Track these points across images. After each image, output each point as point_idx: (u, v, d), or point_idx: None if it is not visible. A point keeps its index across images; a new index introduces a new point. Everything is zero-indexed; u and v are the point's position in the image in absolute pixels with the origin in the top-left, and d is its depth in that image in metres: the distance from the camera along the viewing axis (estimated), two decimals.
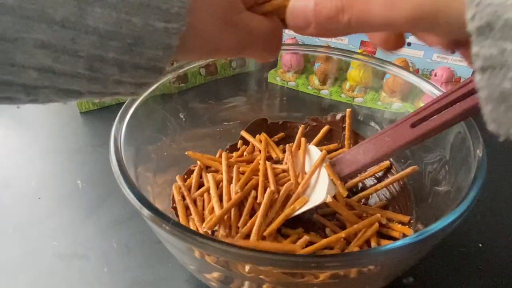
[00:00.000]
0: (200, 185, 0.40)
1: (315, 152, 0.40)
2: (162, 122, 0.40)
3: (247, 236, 0.34)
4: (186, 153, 0.41)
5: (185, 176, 0.41)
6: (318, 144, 0.45)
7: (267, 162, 0.40)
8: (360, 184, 0.42)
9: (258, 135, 0.45)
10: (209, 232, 0.34)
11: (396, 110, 0.44)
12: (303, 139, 0.42)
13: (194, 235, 0.24)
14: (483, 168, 0.29)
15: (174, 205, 0.38)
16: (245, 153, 0.43)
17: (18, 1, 0.15)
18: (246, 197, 0.37)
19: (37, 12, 0.15)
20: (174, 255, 0.32)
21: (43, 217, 0.42)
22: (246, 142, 0.46)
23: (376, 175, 0.42)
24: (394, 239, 0.35)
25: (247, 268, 0.25)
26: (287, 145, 0.42)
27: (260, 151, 0.43)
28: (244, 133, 0.46)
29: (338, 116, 0.46)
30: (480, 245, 0.39)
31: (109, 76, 0.17)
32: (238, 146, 0.46)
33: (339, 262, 0.23)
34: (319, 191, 0.36)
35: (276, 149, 0.44)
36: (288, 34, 0.62)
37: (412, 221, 0.36)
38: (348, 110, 0.45)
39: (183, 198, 0.38)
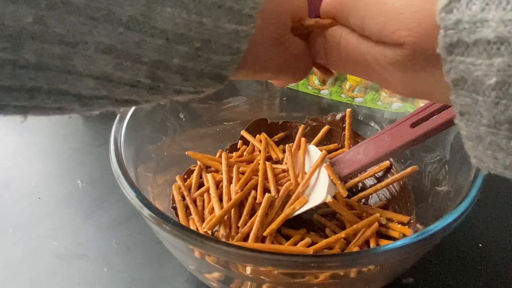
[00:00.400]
0: (200, 185, 0.40)
1: (315, 152, 0.40)
2: (162, 122, 0.40)
3: (247, 236, 0.34)
4: (186, 153, 0.41)
5: (185, 176, 0.41)
6: (318, 144, 0.45)
7: (267, 162, 0.40)
8: (360, 184, 0.42)
9: (258, 135, 0.45)
10: (209, 232, 0.34)
11: (396, 110, 0.44)
12: (303, 139, 0.42)
13: (194, 235, 0.24)
14: None
15: (174, 205, 0.38)
16: (245, 153, 0.43)
17: (86, 0, 0.13)
18: (246, 197, 0.37)
19: (103, 11, 0.14)
20: (174, 255, 0.32)
21: (43, 217, 0.42)
22: (246, 142, 0.46)
23: (376, 175, 0.42)
24: (394, 239, 0.35)
25: (248, 270, 0.25)
26: (286, 145, 0.42)
27: (260, 151, 0.43)
28: (244, 133, 0.46)
29: (338, 116, 0.46)
30: (480, 245, 0.39)
31: (170, 86, 0.16)
32: (238, 146, 0.46)
33: (339, 262, 0.23)
34: (319, 191, 0.36)
35: (276, 149, 0.44)
36: None
37: (412, 221, 0.36)
38: (348, 110, 0.45)
39: (183, 198, 0.38)
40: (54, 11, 0.13)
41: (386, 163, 0.41)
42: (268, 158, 0.43)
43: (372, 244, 0.34)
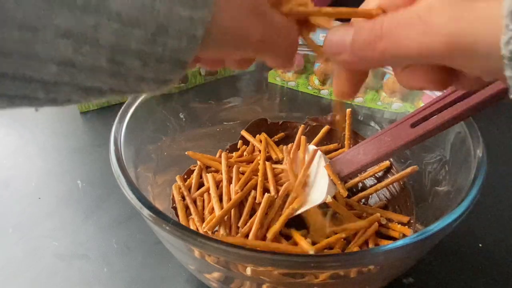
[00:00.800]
0: (200, 185, 0.40)
1: None
2: (162, 122, 0.40)
3: (247, 236, 0.34)
4: (186, 153, 0.41)
5: (185, 176, 0.41)
6: (318, 144, 0.45)
7: (267, 162, 0.40)
8: (360, 184, 0.42)
9: (258, 135, 0.45)
10: (209, 232, 0.34)
11: (396, 110, 0.44)
12: (303, 138, 0.42)
13: (194, 235, 0.24)
14: (483, 168, 0.29)
15: (174, 205, 0.38)
16: (245, 153, 0.44)
17: None
18: (246, 197, 0.37)
19: None
20: (174, 255, 0.32)
21: (43, 217, 0.42)
22: (246, 142, 0.46)
23: (376, 175, 0.42)
24: (394, 239, 0.35)
25: (248, 271, 0.25)
26: (284, 147, 0.42)
27: (260, 151, 0.43)
28: (244, 133, 0.46)
29: (338, 116, 0.46)
30: (480, 245, 0.39)
31: (131, 71, 0.16)
32: (238, 146, 0.46)
33: (339, 262, 0.23)
34: (319, 191, 0.36)
35: (276, 149, 0.44)
36: None
37: (412, 221, 0.36)
38: (348, 110, 0.45)
39: (183, 198, 0.38)
40: None
41: (386, 163, 0.41)
42: (268, 158, 0.43)
43: (371, 244, 0.34)
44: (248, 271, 0.25)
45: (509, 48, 0.14)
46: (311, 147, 0.41)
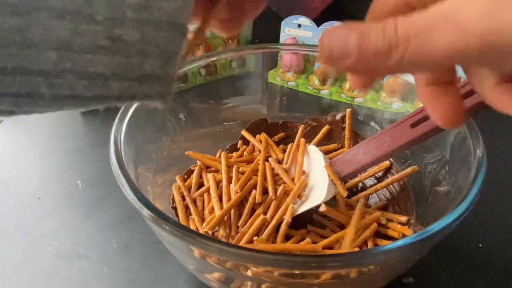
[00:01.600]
0: (200, 185, 0.40)
1: (314, 152, 0.40)
2: (162, 122, 0.40)
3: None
4: (186, 153, 0.41)
5: (185, 176, 0.41)
6: (318, 144, 0.45)
7: (266, 163, 0.40)
8: (360, 184, 0.42)
9: (258, 135, 0.45)
10: (209, 232, 0.34)
11: (396, 110, 0.44)
12: (302, 139, 0.42)
13: (194, 235, 0.24)
14: (483, 168, 0.29)
15: (174, 205, 0.38)
16: (245, 153, 0.44)
17: None
18: (246, 197, 0.37)
19: None
20: (174, 255, 0.32)
21: (43, 217, 0.42)
22: (246, 142, 0.46)
23: (376, 175, 0.42)
24: (394, 239, 0.35)
25: (249, 272, 0.25)
26: (271, 159, 0.42)
27: (260, 151, 0.43)
28: (244, 133, 0.46)
29: (338, 116, 0.46)
30: (480, 245, 0.39)
31: (131, 45, 0.16)
32: (238, 146, 0.46)
33: (339, 262, 0.23)
34: (319, 191, 0.36)
35: (276, 149, 0.44)
36: (287, 34, 0.62)
37: (412, 221, 0.36)
38: (348, 110, 0.45)
39: (183, 198, 0.38)
40: None
41: (386, 163, 0.41)
42: (268, 159, 0.43)
43: (370, 245, 0.34)
44: (249, 272, 0.25)
45: None
46: (311, 147, 0.41)
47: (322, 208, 0.34)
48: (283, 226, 0.34)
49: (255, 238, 0.33)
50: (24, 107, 0.16)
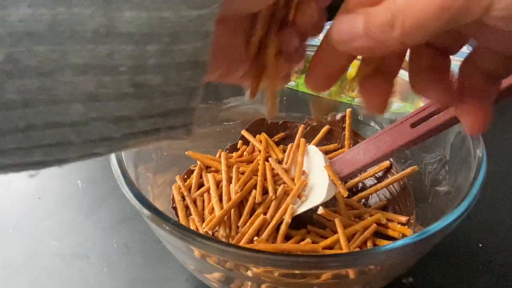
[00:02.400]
0: (200, 185, 0.40)
1: (314, 152, 0.40)
2: None
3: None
4: (186, 153, 0.41)
5: (185, 176, 0.41)
6: (318, 144, 0.45)
7: (266, 163, 0.40)
8: (360, 184, 0.42)
9: (258, 135, 0.45)
10: (209, 232, 0.34)
11: (396, 110, 0.44)
12: (302, 139, 0.42)
13: (194, 235, 0.24)
14: (483, 168, 0.29)
15: (174, 205, 0.38)
16: (245, 153, 0.43)
17: (47, 25, 0.13)
18: (246, 197, 0.37)
19: (67, 34, 0.14)
20: (174, 255, 0.32)
21: (43, 217, 0.42)
22: (246, 142, 0.46)
23: (376, 175, 0.42)
24: (394, 239, 0.35)
25: (250, 272, 0.25)
26: (270, 160, 0.42)
27: (260, 151, 0.43)
28: (244, 132, 0.46)
29: (338, 116, 0.46)
30: (480, 245, 0.39)
31: (154, 89, 0.16)
32: (238, 146, 0.46)
33: (339, 262, 0.23)
34: (319, 191, 0.36)
35: (276, 149, 0.44)
36: None
37: (412, 221, 0.36)
38: (348, 110, 0.45)
39: (183, 198, 0.38)
40: (21, 45, 0.13)
41: (386, 163, 0.41)
42: (268, 159, 0.43)
43: (369, 245, 0.34)
44: (249, 272, 0.25)
45: None
46: (311, 147, 0.41)
47: (320, 211, 0.34)
48: (282, 227, 0.34)
49: (255, 238, 0.33)
50: (55, 155, 0.16)
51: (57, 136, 0.15)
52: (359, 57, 0.22)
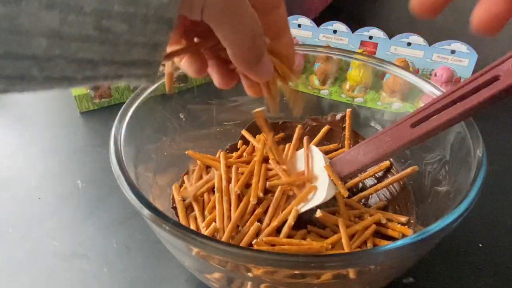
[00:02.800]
0: None
1: (315, 152, 0.40)
2: (162, 122, 0.40)
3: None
4: (186, 153, 0.41)
5: (185, 176, 0.41)
6: (318, 144, 0.45)
7: (263, 164, 0.40)
8: (360, 184, 0.42)
9: (258, 135, 0.45)
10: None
11: (396, 110, 0.44)
12: (306, 137, 0.42)
13: (194, 235, 0.24)
14: (483, 168, 0.29)
15: (174, 205, 0.38)
16: (244, 154, 0.43)
17: None
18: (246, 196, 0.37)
19: None
20: (174, 255, 0.32)
21: (43, 217, 0.42)
22: (246, 142, 0.46)
23: (376, 175, 0.42)
24: (394, 239, 0.35)
25: (250, 273, 0.25)
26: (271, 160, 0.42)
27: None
28: (244, 133, 0.46)
29: (338, 116, 0.46)
30: (480, 245, 0.39)
31: (119, 36, 0.17)
32: (238, 146, 0.46)
33: (339, 262, 0.23)
34: (319, 191, 0.36)
35: (276, 150, 0.44)
36: None
37: (412, 221, 0.36)
38: (348, 110, 0.45)
39: (183, 198, 0.38)
40: None
41: (386, 163, 0.41)
42: (267, 159, 0.43)
43: (369, 245, 0.34)
44: (250, 272, 0.25)
45: None
46: (311, 147, 0.41)
47: (318, 214, 0.34)
48: (285, 229, 0.34)
49: (254, 241, 0.33)
50: (17, 87, 0.16)
51: (20, 68, 0.16)
52: None
